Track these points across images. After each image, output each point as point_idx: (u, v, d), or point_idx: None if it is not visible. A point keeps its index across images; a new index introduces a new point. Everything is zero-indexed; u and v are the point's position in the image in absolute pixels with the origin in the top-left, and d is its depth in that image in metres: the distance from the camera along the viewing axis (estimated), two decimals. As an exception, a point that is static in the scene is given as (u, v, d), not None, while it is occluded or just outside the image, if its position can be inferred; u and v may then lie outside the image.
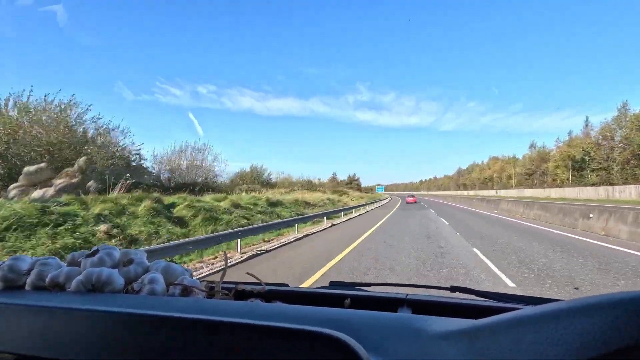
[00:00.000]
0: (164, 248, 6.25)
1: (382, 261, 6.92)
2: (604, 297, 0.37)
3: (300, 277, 5.71)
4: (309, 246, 9.31)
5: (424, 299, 0.80)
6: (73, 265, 0.75)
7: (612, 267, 6.04)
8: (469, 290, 0.98)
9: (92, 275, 0.68)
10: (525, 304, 0.79)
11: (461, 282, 5.22)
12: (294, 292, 0.89)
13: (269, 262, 7.21)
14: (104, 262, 0.73)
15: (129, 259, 0.76)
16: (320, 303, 0.83)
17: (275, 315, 0.53)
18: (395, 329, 0.47)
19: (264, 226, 10.70)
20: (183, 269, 0.77)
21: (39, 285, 0.71)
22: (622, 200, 31.07)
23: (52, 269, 0.73)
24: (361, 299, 0.82)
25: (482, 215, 19.60)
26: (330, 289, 0.95)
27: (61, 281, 0.70)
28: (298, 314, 0.54)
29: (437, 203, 41.17)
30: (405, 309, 0.76)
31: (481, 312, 0.71)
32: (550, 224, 13.49)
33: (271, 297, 0.80)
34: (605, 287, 4.89)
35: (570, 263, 6.46)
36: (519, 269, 6.10)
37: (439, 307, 0.77)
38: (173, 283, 0.73)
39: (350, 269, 6.26)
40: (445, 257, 7.18)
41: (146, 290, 0.69)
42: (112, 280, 0.68)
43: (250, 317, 0.46)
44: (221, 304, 0.62)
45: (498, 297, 0.89)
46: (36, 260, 0.75)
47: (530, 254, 7.49)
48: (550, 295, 4.21)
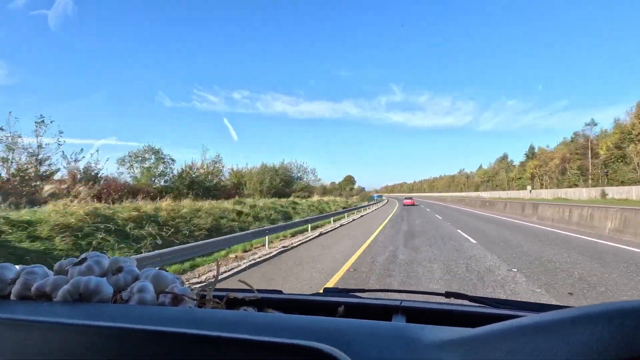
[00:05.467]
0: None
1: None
2: (604, 306, 0.36)
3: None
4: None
5: (419, 306, 0.79)
6: (60, 274, 0.73)
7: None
8: (463, 296, 0.97)
9: (80, 284, 0.66)
10: (521, 310, 0.79)
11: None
12: (286, 300, 0.88)
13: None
14: (92, 270, 0.71)
15: (118, 267, 0.75)
16: (314, 310, 0.82)
17: (266, 326, 0.52)
18: (389, 339, 0.46)
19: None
20: (174, 277, 0.76)
21: (25, 295, 0.69)
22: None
23: (39, 278, 0.71)
24: (355, 307, 0.81)
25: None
26: (323, 296, 0.94)
27: (48, 290, 0.68)
28: (290, 325, 0.53)
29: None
30: (399, 316, 0.76)
31: (477, 319, 0.70)
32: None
33: (263, 305, 0.78)
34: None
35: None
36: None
37: (434, 315, 0.76)
38: (163, 291, 0.71)
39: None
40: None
41: (135, 300, 0.67)
42: (100, 289, 0.66)
43: (240, 327, 0.45)
44: (212, 313, 0.61)
45: (493, 303, 0.88)
46: (22, 269, 0.73)
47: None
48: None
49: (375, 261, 7.32)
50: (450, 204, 42.72)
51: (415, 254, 8.01)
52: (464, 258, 7.45)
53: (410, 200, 43.48)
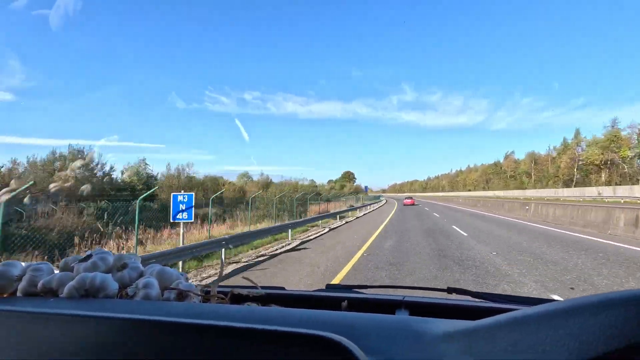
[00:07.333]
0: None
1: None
2: (603, 296, 0.36)
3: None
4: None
5: (422, 300, 0.80)
6: (66, 271, 0.73)
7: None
8: (465, 292, 0.98)
9: (86, 280, 0.66)
10: (522, 304, 0.79)
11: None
12: (290, 295, 0.88)
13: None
14: (98, 266, 0.72)
15: (123, 263, 0.75)
16: (317, 306, 0.82)
17: (271, 319, 0.52)
18: (393, 331, 0.47)
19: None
20: (178, 273, 0.76)
21: (31, 292, 0.70)
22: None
23: (45, 275, 0.72)
24: (358, 302, 0.81)
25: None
26: (327, 292, 0.94)
27: (54, 287, 0.69)
28: (295, 317, 0.53)
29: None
30: (402, 311, 0.76)
31: (479, 313, 0.70)
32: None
33: (267, 301, 0.79)
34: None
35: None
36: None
37: (437, 309, 0.77)
38: (168, 287, 0.72)
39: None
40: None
41: (140, 295, 0.68)
42: (105, 285, 0.67)
43: (246, 321, 0.45)
44: (217, 308, 0.62)
45: (495, 298, 0.89)
46: (28, 266, 0.73)
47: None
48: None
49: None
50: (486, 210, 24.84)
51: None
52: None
53: (410, 200, 44.33)
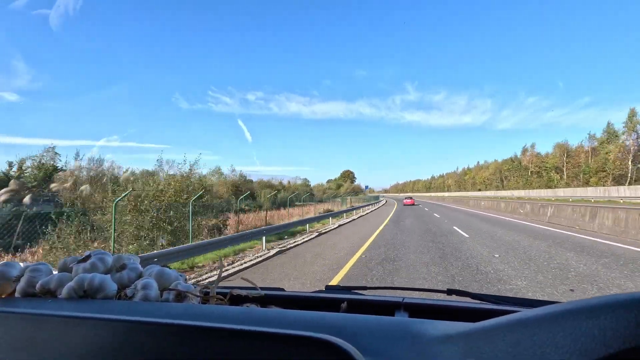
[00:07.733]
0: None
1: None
2: (603, 298, 0.36)
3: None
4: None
5: (421, 302, 0.80)
6: (64, 271, 0.73)
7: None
8: (465, 293, 0.98)
9: (84, 281, 0.66)
10: (522, 306, 0.79)
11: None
12: (289, 297, 0.88)
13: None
14: (96, 267, 0.72)
15: (121, 264, 0.75)
16: (316, 307, 0.82)
17: (270, 320, 0.52)
18: (392, 333, 0.47)
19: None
20: (177, 274, 0.76)
21: (29, 292, 0.70)
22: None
23: (43, 275, 0.71)
24: (357, 303, 0.81)
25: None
26: (326, 293, 0.94)
27: (52, 287, 0.68)
28: (294, 319, 0.53)
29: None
30: (402, 312, 0.76)
31: (479, 315, 0.70)
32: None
33: (267, 302, 0.79)
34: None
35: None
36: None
37: (436, 311, 0.76)
38: (167, 288, 0.71)
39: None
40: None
41: (139, 296, 0.67)
42: (104, 286, 0.67)
43: (245, 322, 0.45)
44: (216, 309, 0.62)
45: (495, 299, 0.89)
46: (26, 267, 0.73)
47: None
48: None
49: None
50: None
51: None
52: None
53: (410, 200, 44.37)
